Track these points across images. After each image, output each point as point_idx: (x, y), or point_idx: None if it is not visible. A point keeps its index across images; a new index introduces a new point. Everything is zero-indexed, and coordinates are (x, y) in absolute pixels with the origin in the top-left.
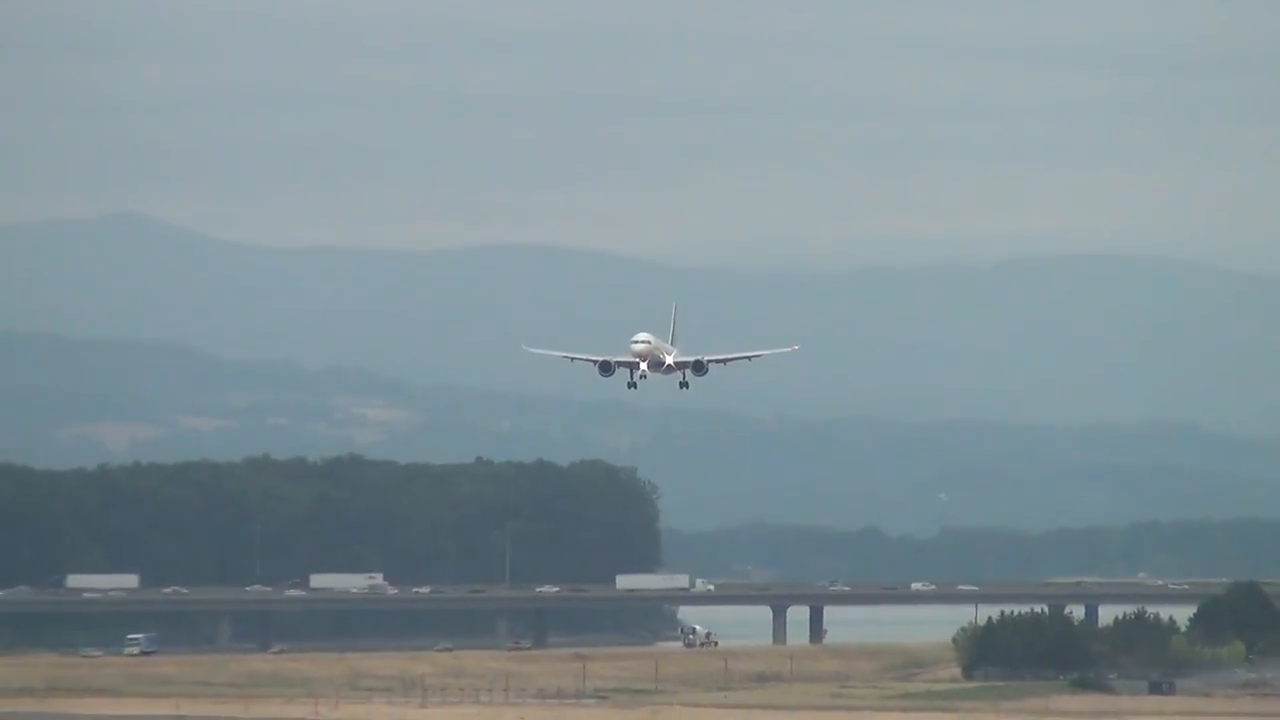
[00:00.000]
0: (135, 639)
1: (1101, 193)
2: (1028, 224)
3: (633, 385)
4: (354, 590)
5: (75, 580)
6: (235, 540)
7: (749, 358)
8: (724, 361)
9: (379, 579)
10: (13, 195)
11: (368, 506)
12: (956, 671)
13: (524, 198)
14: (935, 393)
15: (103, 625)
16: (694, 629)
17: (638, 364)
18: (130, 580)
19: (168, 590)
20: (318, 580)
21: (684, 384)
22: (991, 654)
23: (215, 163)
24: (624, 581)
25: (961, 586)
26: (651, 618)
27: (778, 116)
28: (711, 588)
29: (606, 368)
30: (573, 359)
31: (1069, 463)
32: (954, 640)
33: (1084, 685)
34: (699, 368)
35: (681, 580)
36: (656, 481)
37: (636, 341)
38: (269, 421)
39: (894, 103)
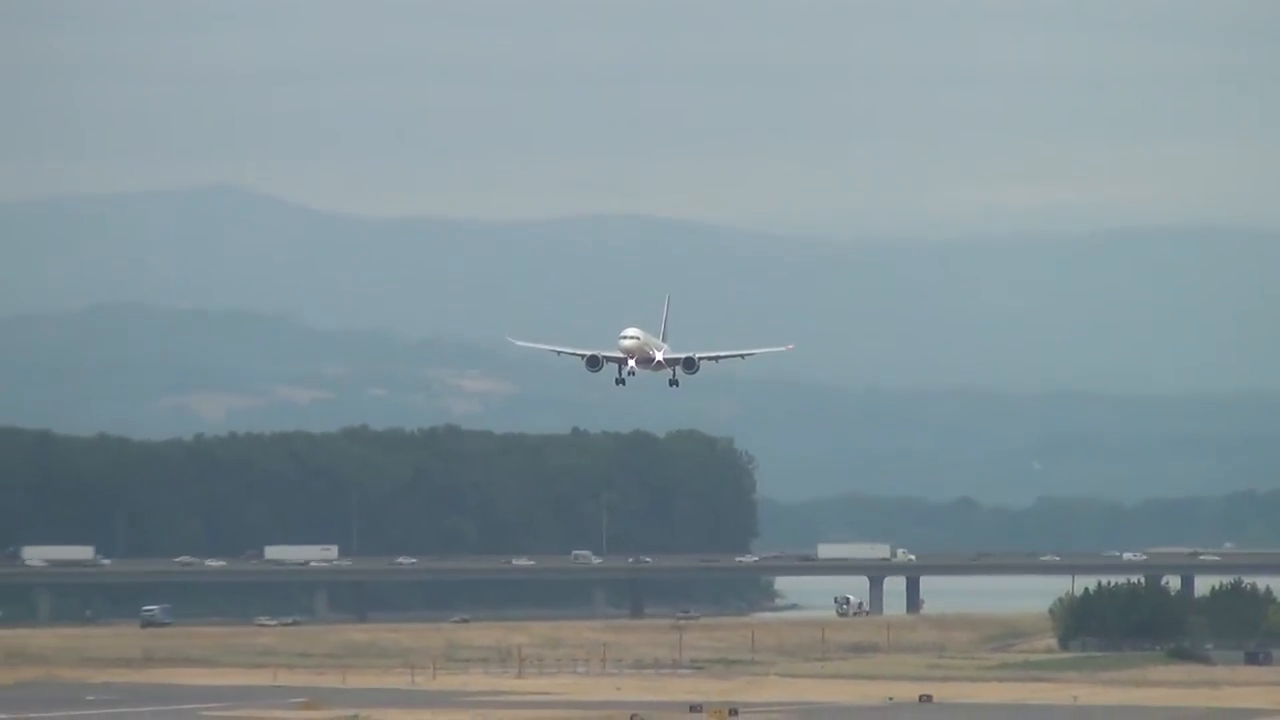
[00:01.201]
0: (150, 610)
1: (1199, 163)
2: (1123, 194)
3: (620, 381)
4: (311, 562)
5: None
6: (331, 511)
7: (742, 355)
8: (715, 359)
9: (333, 551)
10: (111, 166)
11: (464, 477)
12: (1053, 642)
13: (619, 168)
14: (1030, 363)
15: (200, 596)
16: (848, 598)
17: (626, 360)
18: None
19: (258, 561)
20: (272, 552)
21: (674, 381)
22: (1088, 624)
23: (312, 133)
24: (826, 551)
25: (1054, 557)
26: (748, 588)
27: (870, 86)
28: (913, 558)
29: (594, 362)
30: (559, 352)
31: (1164, 433)
32: (1050, 611)
33: (1180, 655)
34: (690, 365)
35: (883, 550)
36: (752, 452)
37: (625, 337)
38: (366, 392)
39: (987, 71)
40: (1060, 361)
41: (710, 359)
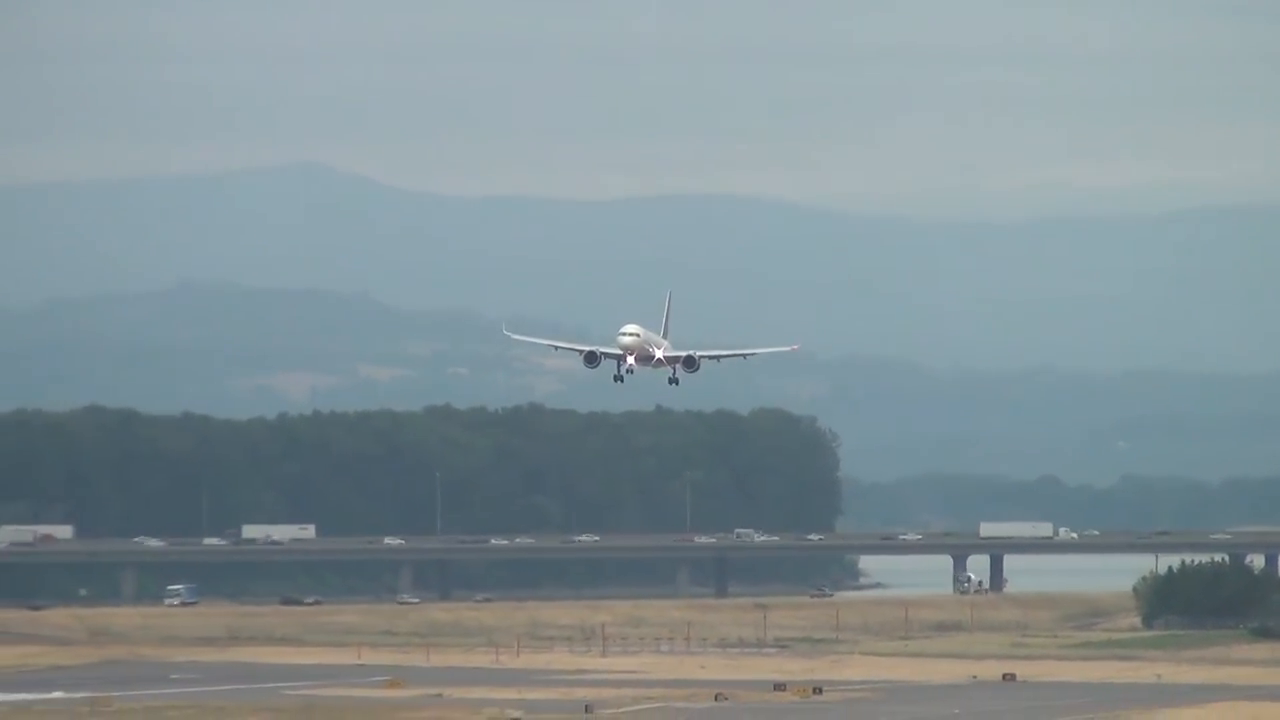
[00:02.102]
0: (176, 590)
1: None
2: (1203, 173)
3: (619, 379)
4: (285, 540)
5: (250, 530)
6: (415, 490)
7: (744, 355)
8: (716, 358)
9: (310, 530)
10: (199, 146)
11: (547, 456)
12: (1136, 620)
13: (702, 147)
14: (1114, 342)
15: (283, 575)
16: (969, 576)
17: (624, 357)
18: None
19: (351, 540)
20: (249, 530)
21: (674, 380)
22: (1171, 603)
23: (396, 112)
24: (988, 529)
25: (1139, 535)
26: (832, 567)
27: (958, 66)
28: (1075, 535)
29: (592, 359)
30: (557, 347)
31: (1248, 411)
32: (1134, 589)
33: (1264, 634)
34: (690, 363)
35: (1045, 529)
36: (836, 431)
37: (624, 334)
38: (448, 371)
39: (1070, 52)
40: (1144, 341)
41: (711, 357)
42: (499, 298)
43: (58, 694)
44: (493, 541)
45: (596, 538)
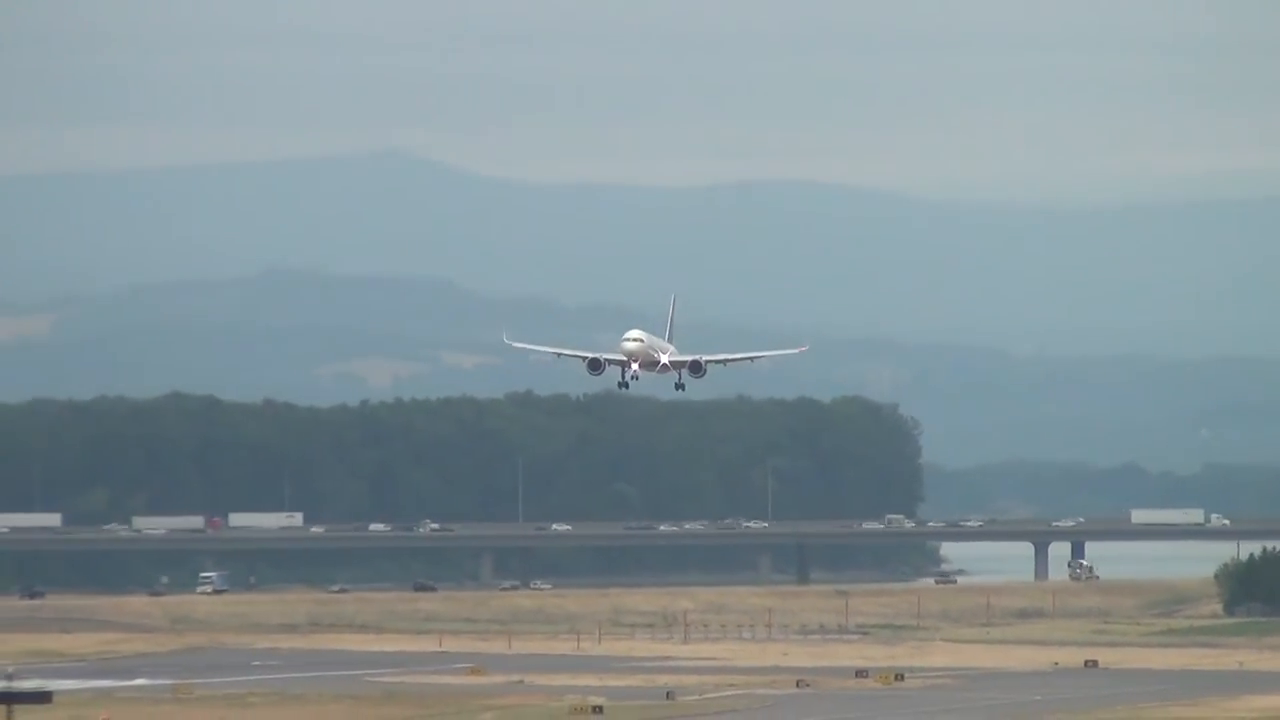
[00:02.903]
0: (208, 577)
1: None
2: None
3: (624, 385)
4: (273, 528)
5: (238, 518)
6: (497, 476)
7: (751, 359)
8: (723, 362)
9: (298, 518)
10: (282, 133)
11: (629, 443)
12: (1218, 607)
13: (785, 133)
14: (1197, 328)
15: (365, 561)
16: (1081, 562)
17: (629, 363)
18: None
19: (433, 527)
20: (237, 519)
21: (680, 385)
22: (1253, 590)
23: (478, 99)
24: (1140, 516)
25: (1221, 522)
26: (913, 554)
27: (1040, 51)
28: (1227, 522)
29: (595, 366)
30: (559, 354)
31: None
32: (1215, 576)
33: None
34: (696, 368)
35: (1196, 515)
36: (917, 418)
37: (628, 339)
38: (531, 358)
39: (1151, 38)
40: (1227, 327)
41: (718, 362)
42: (581, 284)
43: (140, 681)
44: (574, 528)
45: (679, 525)
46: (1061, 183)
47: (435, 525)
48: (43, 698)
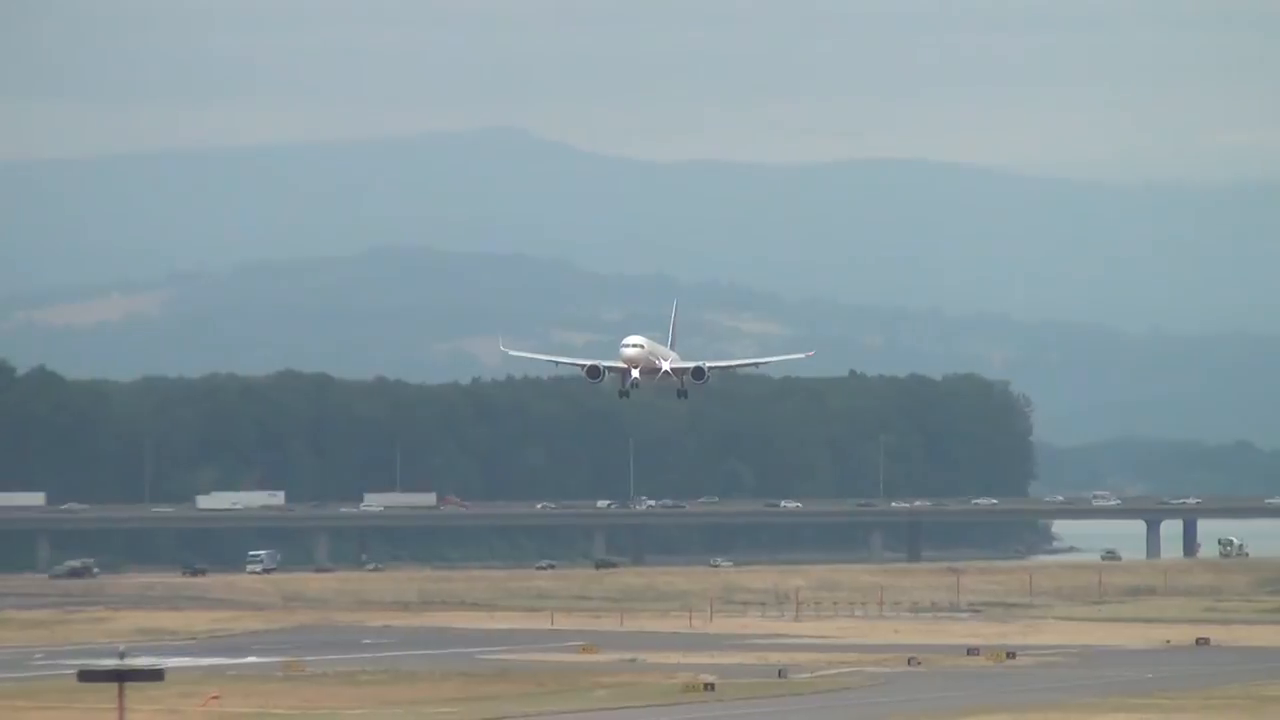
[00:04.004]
0: (257, 556)
1: None
2: None
3: (624, 394)
4: (251, 507)
5: (205, 500)
6: (608, 454)
7: (755, 364)
8: (726, 369)
9: (280, 496)
10: (394, 110)
11: (741, 421)
12: None
13: (896, 111)
14: None
15: (478, 539)
16: (1232, 540)
17: (629, 370)
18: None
19: (541, 506)
20: (211, 500)
21: (682, 393)
22: None
23: (591, 77)
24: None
25: None
26: (1025, 531)
27: (1153, 27)
28: None
29: (595, 373)
30: (556, 362)
31: None
32: None
33: None
34: (699, 374)
35: None
36: (1029, 395)
37: (627, 345)
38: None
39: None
40: None
41: (721, 368)
42: (695, 262)
43: (251, 659)
44: (687, 506)
45: (796, 503)
46: (1174, 160)
47: (549, 504)
48: (154, 675)
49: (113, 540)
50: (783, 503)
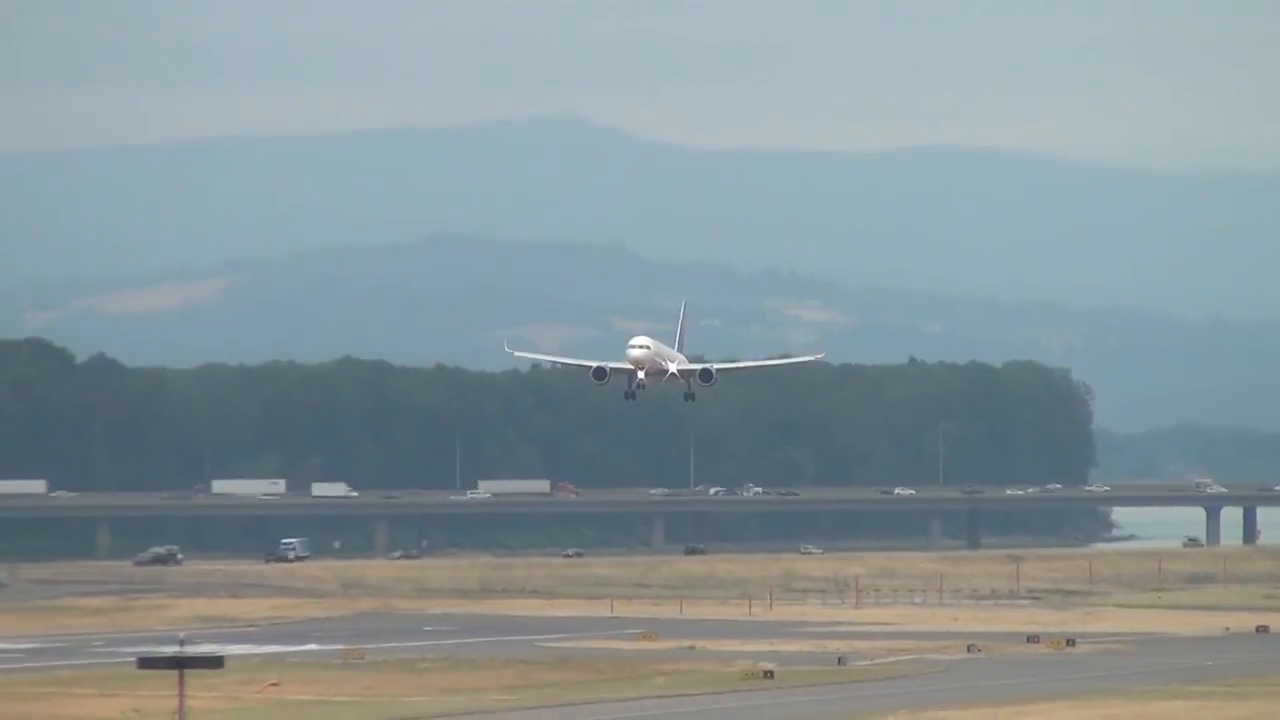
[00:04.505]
0: (289, 544)
1: None
2: None
3: (630, 396)
4: (259, 495)
5: (220, 485)
6: (667, 442)
7: (763, 366)
8: (734, 371)
9: (281, 484)
10: (452, 97)
11: (799, 408)
12: None
13: (955, 99)
14: None
15: (537, 526)
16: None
17: (635, 372)
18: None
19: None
20: (220, 486)
21: (689, 395)
22: None
23: (649, 63)
24: None
25: None
26: (1085, 519)
27: (1208, 13)
28: None
29: (600, 374)
30: (562, 364)
31: None
32: None
33: None
34: (707, 377)
35: None
36: (1089, 383)
37: (633, 347)
38: (701, 323)
39: None
40: None
41: (728, 370)
42: (753, 250)
43: (311, 646)
44: (746, 493)
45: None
46: (1234, 146)
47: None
48: (214, 663)
49: (170, 528)
50: (896, 490)
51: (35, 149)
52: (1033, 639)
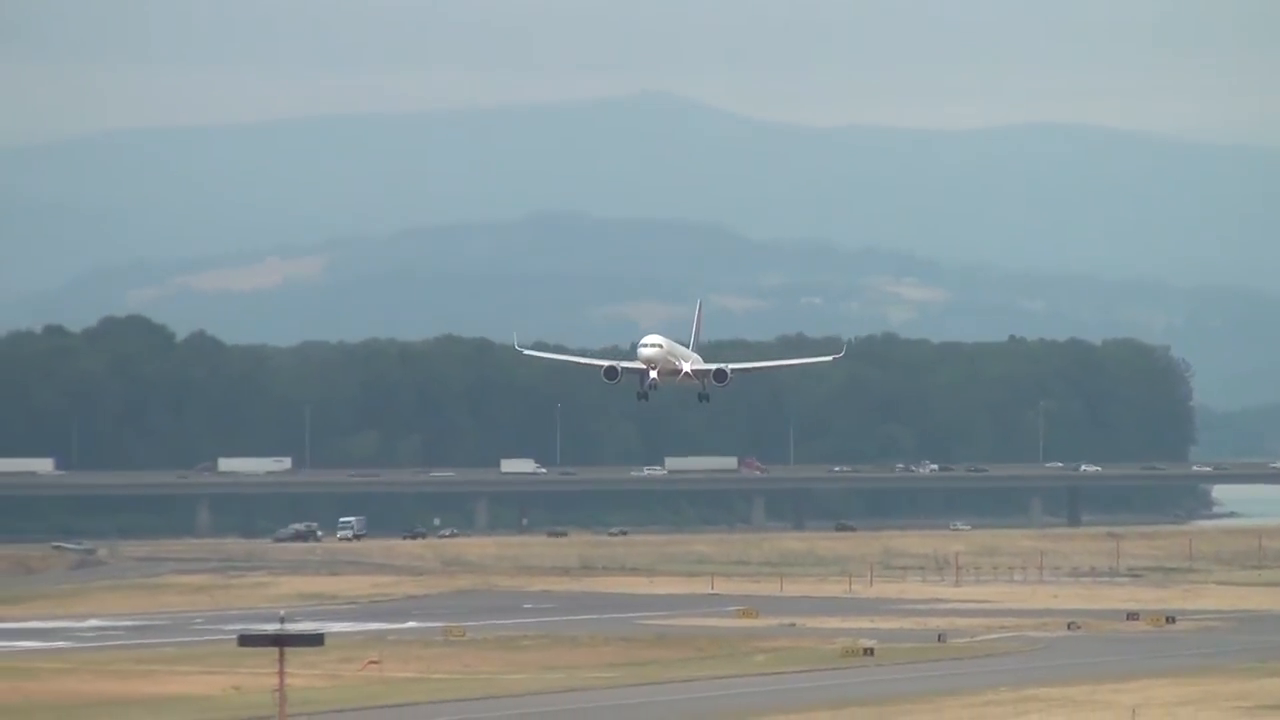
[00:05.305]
0: (347, 523)
1: None
2: None
3: (643, 396)
4: (262, 473)
5: (226, 463)
6: (767, 419)
7: (777, 366)
8: (750, 371)
9: (287, 462)
10: (552, 76)
11: (900, 385)
12: None
13: (1060, 77)
14: None
15: (634, 504)
16: None
17: (647, 371)
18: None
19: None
20: (226, 464)
21: (703, 396)
22: None
23: (748, 40)
24: None
25: None
26: (1185, 496)
27: None
28: None
29: (611, 374)
30: (574, 362)
31: None
32: None
33: None
34: (721, 376)
35: None
36: (1189, 360)
37: (645, 345)
38: (802, 301)
39: None
40: None
41: (744, 370)
42: (853, 227)
43: (411, 624)
44: (846, 469)
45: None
46: None
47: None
48: (314, 640)
49: (272, 504)
50: (1083, 466)
51: (140, 127)
52: (1133, 616)
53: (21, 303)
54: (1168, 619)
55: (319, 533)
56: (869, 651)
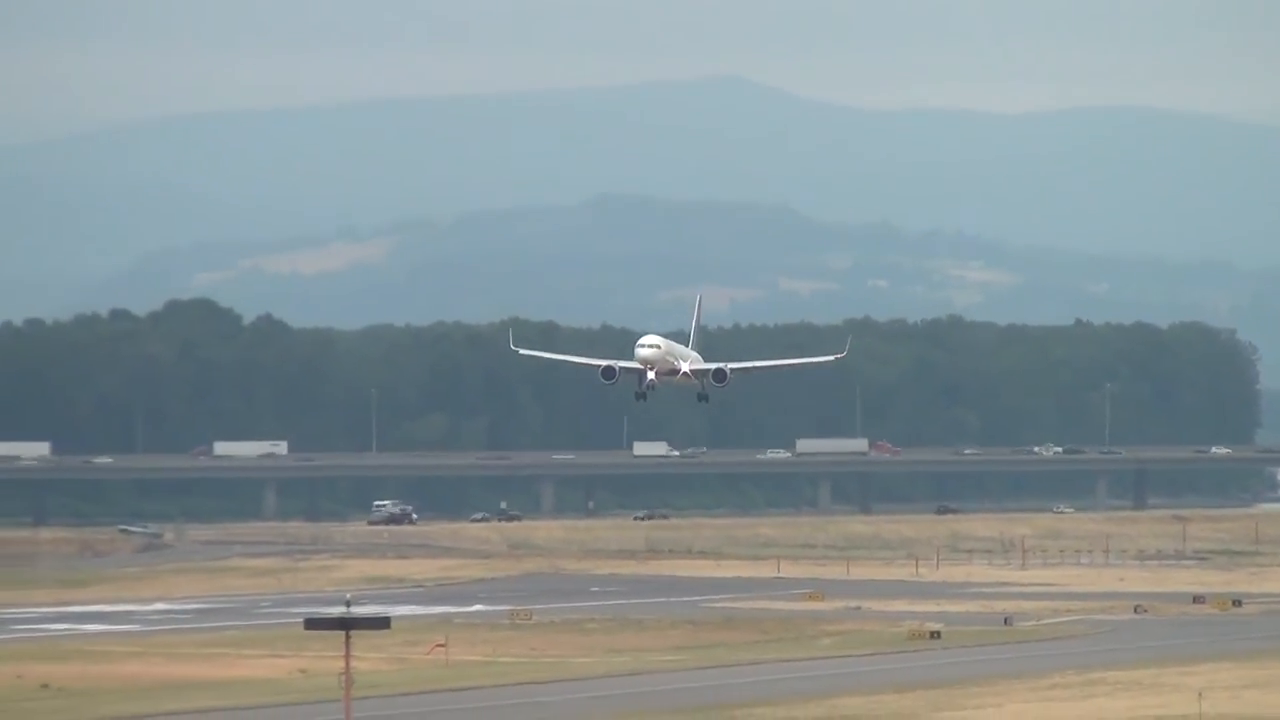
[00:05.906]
0: (381, 505)
1: None
2: None
3: (641, 397)
4: (254, 456)
5: (222, 447)
6: (834, 400)
7: (778, 366)
8: (750, 371)
9: (282, 446)
10: (617, 59)
11: (965, 368)
12: None
13: (1119, 59)
14: None
15: (701, 487)
16: None
17: (645, 371)
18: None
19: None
20: (222, 448)
21: (703, 396)
22: None
23: (814, 23)
24: None
25: None
26: (1251, 480)
27: None
28: None
29: (609, 373)
30: (572, 362)
31: None
32: None
33: None
34: (720, 377)
35: None
36: (1256, 343)
37: (644, 345)
38: (868, 284)
39: None
40: None
41: (744, 370)
42: (918, 210)
43: (478, 607)
44: (911, 453)
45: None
46: None
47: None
48: (380, 624)
49: (337, 488)
50: (1213, 449)
51: (206, 111)
52: (1199, 599)
53: (87, 286)
54: (1234, 602)
55: (413, 516)
56: (935, 634)
